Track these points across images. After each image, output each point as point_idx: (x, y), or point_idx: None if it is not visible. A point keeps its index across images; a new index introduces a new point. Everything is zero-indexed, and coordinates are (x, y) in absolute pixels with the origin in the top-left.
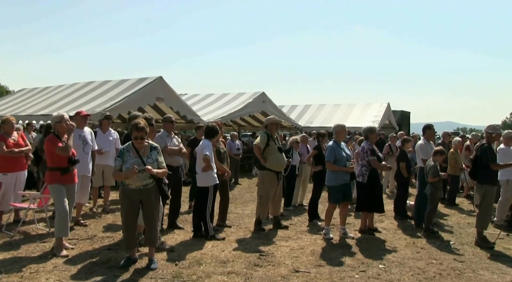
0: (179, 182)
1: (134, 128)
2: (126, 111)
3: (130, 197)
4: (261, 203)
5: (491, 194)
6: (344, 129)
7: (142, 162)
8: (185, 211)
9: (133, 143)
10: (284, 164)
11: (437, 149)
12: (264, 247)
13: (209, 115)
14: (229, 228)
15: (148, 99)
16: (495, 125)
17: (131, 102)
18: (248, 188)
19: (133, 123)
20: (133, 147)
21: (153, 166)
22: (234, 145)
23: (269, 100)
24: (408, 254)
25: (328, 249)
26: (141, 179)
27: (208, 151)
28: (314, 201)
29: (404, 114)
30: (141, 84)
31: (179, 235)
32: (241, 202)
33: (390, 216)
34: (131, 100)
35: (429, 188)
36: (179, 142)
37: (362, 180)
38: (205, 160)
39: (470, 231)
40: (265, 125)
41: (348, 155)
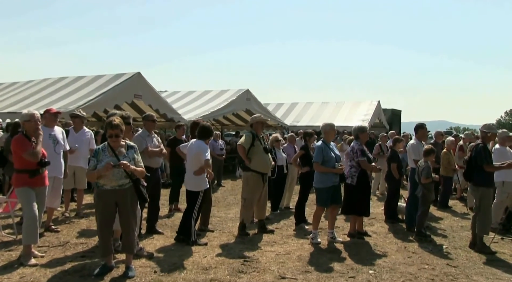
0: (158, 184)
1: (108, 126)
2: (101, 109)
3: (105, 199)
4: (246, 206)
5: (488, 196)
6: (333, 129)
7: (118, 161)
8: (164, 215)
9: (109, 142)
10: (270, 165)
11: (427, 148)
12: (248, 253)
13: (190, 113)
14: (212, 233)
15: (125, 96)
16: (490, 124)
17: (107, 100)
18: (232, 190)
19: (107, 121)
20: (109, 146)
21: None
22: (217, 145)
23: (253, 97)
24: (399, 259)
25: (316, 254)
26: (116, 178)
27: (208, 156)
28: (301, 204)
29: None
30: (117, 80)
31: (158, 241)
32: (224, 205)
33: (380, 219)
34: (107, 97)
35: (420, 190)
36: (160, 142)
37: (351, 182)
38: (207, 165)
39: (464, 234)
40: (250, 124)
41: (337, 155)
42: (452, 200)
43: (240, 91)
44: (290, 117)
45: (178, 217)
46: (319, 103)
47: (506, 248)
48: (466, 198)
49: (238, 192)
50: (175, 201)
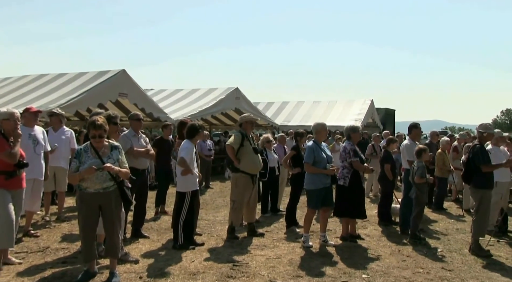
0: (145, 186)
1: (91, 126)
2: (84, 107)
3: (88, 203)
4: (235, 209)
5: (488, 198)
6: (325, 128)
7: (101, 163)
8: (150, 218)
9: (91, 143)
10: (260, 166)
11: (419, 147)
12: (237, 257)
13: (177, 112)
14: (200, 236)
15: (109, 94)
16: (487, 124)
17: (90, 98)
18: (221, 192)
19: (90, 120)
20: (92, 146)
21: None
22: (205, 145)
23: (243, 96)
24: (393, 262)
25: (307, 258)
26: (100, 181)
27: (184, 154)
28: (292, 206)
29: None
30: (101, 78)
31: (144, 245)
32: (213, 208)
33: (373, 221)
34: (90, 95)
35: (414, 191)
36: (147, 143)
37: (343, 183)
38: (179, 163)
39: (459, 237)
40: (239, 123)
41: (328, 156)
42: (447, 202)
43: (229, 90)
44: (280, 116)
45: (165, 220)
46: (310, 102)
47: (502, 251)
48: (461, 199)
49: (227, 194)
50: (161, 204)
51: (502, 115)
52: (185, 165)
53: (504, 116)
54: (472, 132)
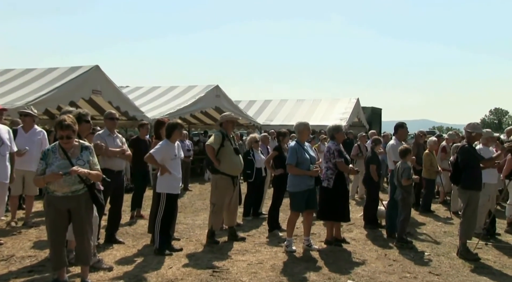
0: (121, 189)
1: (58, 126)
2: (54, 105)
3: (57, 207)
4: (215, 212)
5: (476, 200)
6: (308, 128)
7: (70, 164)
8: (125, 223)
9: (60, 143)
10: (241, 167)
11: (402, 148)
12: (218, 262)
13: (154, 111)
14: (178, 241)
15: (82, 91)
16: (475, 123)
17: (61, 95)
18: (200, 195)
19: (57, 120)
20: (60, 147)
21: (84, 168)
22: (183, 145)
23: (223, 94)
24: (379, 267)
25: (290, 263)
26: (69, 184)
27: (154, 150)
28: (275, 209)
29: (375, 111)
30: (73, 74)
31: (118, 251)
32: (192, 211)
33: (359, 225)
34: (61, 92)
35: (400, 193)
36: (123, 143)
37: (327, 185)
38: (146, 158)
39: (447, 240)
40: (220, 122)
41: (312, 157)
42: (434, 204)
43: (209, 87)
44: (263, 115)
45: (141, 224)
46: (294, 101)
47: (490, 254)
48: (449, 202)
49: (206, 197)
50: (137, 207)
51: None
52: (152, 161)
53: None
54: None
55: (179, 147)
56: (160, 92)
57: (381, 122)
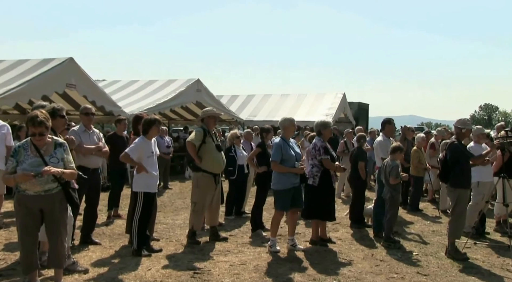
0: (97, 187)
1: (30, 122)
2: (25, 100)
3: (28, 207)
4: (196, 211)
5: (464, 198)
6: (293, 124)
7: (43, 162)
8: (102, 223)
9: (32, 140)
10: (223, 164)
11: (395, 145)
12: (199, 264)
13: (132, 106)
14: (157, 242)
15: (55, 85)
16: (465, 119)
17: (33, 89)
18: (180, 193)
19: (29, 115)
20: (32, 144)
21: (58, 167)
22: (163, 142)
23: (205, 88)
24: (366, 267)
25: (274, 263)
26: (41, 182)
27: (129, 149)
28: (258, 208)
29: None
30: (45, 67)
31: (94, 252)
32: (172, 210)
33: (345, 224)
34: (33, 86)
35: (387, 192)
36: (100, 139)
37: (312, 183)
38: (122, 158)
39: (435, 240)
40: (201, 118)
41: (297, 153)
42: (423, 203)
43: (189, 81)
44: (246, 110)
45: (118, 224)
46: (278, 96)
47: (479, 254)
48: (438, 200)
49: (187, 196)
50: (114, 207)
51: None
52: (128, 160)
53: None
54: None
55: (156, 144)
56: (139, 86)
57: (368, 118)
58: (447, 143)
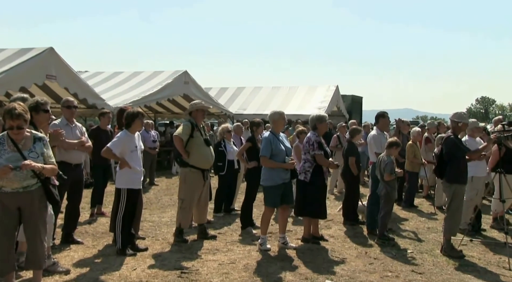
0: (79, 184)
1: (7, 115)
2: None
3: (5, 204)
4: (183, 208)
5: (461, 194)
6: (283, 117)
7: (22, 157)
8: (85, 221)
9: (9, 134)
10: (212, 159)
11: (391, 140)
12: (186, 263)
13: (116, 98)
14: (143, 240)
15: (34, 76)
16: (461, 113)
17: (10, 80)
18: (167, 189)
19: (6, 108)
20: (9, 138)
21: (37, 162)
22: (148, 136)
23: (193, 80)
24: (359, 266)
25: (265, 262)
26: (20, 179)
27: (111, 143)
28: (248, 204)
29: (355, 100)
30: (24, 57)
31: (76, 252)
32: (158, 207)
33: (338, 221)
34: (10, 77)
35: (382, 188)
36: (83, 133)
37: (304, 178)
38: (103, 153)
39: (430, 237)
40: (189, 111)
41: (287, 148)
42: (418, 199)
43: (177, 73)
44: (235, 104)
45: (102, 223)
46: (269, 88)
47: (475, 251)
48: (433, 196)
49: (174, 192)
50: (98, 204)
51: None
52: (110, 156)
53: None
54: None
55: (140, 138)
56: (123, 78)
57: (362, 111)
58: (442, 137)
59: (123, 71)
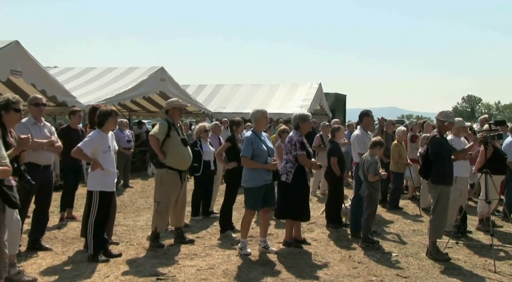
0: (48, 186)
1: None
2: None
3: None
4: (159, 211)
5: (446, 195)
6: (265, 116)
7: None
8: (54, 226)
9: None
10: (189, 160)
11: (375, 140)
12: (162, 269)
13: (89, 96)
14: (116, 246)
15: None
16: (447, 112)
17: None
18: (142, 192)
19: None
20: None
21: None
22: (122, 135)
23: (169, 77)
24: (343, 270)
25: (245, 267)
26: None
27: (82, 143)
28: (227, 207)
29: (339, 98)
30: None
31: (44, 259)
32: (133, 211)
33: (321, 224)
34: None
35: (366, 189)
36: (52, 133)
37: (285, 179)
38: (73, 153)
39: (416, 239)
40: (165, 110)
41: (269, 148)
42: (403, 200)
43: (152, 70)
44: (214, 102)
45: (72, 227)
46: (249, 86)
47: (461, 254)
48: (418, 197)
49: (150, 195)
50: (68, 208)
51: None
52: (81, 156)
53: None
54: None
55: (113, 138)
56: (96, 74)
57: (346, 109)
58: (427, 137)
59: (96, 67)
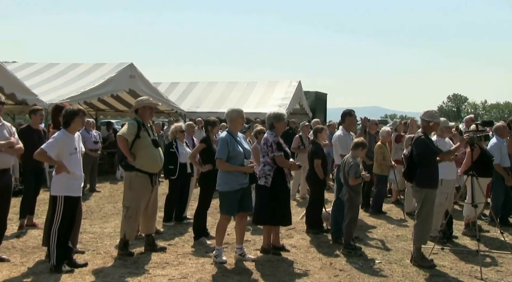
0: (7, 192)
1: None
2: None
3: None
4: (129, 217)
5: (432, 199)
6: (242, 116)
7: None
8: (12, 234)
9: None
10: (161, 162)
11: (357, 141)
12: (132, 279)
13: (51, 94)
14: (82, 254)
15: None
16: (433, 111)
17: None
18: (110, 196)
19: None
20: None
21: None
22: (89, 136)
23: (139, 74)
24: (324, 278)
25: (220, 276)
26: None
27: (46, 145)
28: (201, 212)
29: (319, 97)
30: None
31: (1, 271)
32: (100, 217)
33: (301, 229)
34: None
35: (346, 193)
36: (12, 133)
37: (264, 183)
38: (36, 155)
39: (400, 245)
40: (135, 109)
41: (246, 150)
42: (386, 204)
43: (121, 66)
44: (187, 100)
45: (33, 236)
46: (225, 83)
47: (447, 260)
48: (403, 201)
49: (118, 199)
50: (28, 214)
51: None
52: (45, 159)
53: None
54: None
55: (80, 139)
56: (59, 70)
57: (326, 109)
58: (412, 138)
59: (59, 63)
